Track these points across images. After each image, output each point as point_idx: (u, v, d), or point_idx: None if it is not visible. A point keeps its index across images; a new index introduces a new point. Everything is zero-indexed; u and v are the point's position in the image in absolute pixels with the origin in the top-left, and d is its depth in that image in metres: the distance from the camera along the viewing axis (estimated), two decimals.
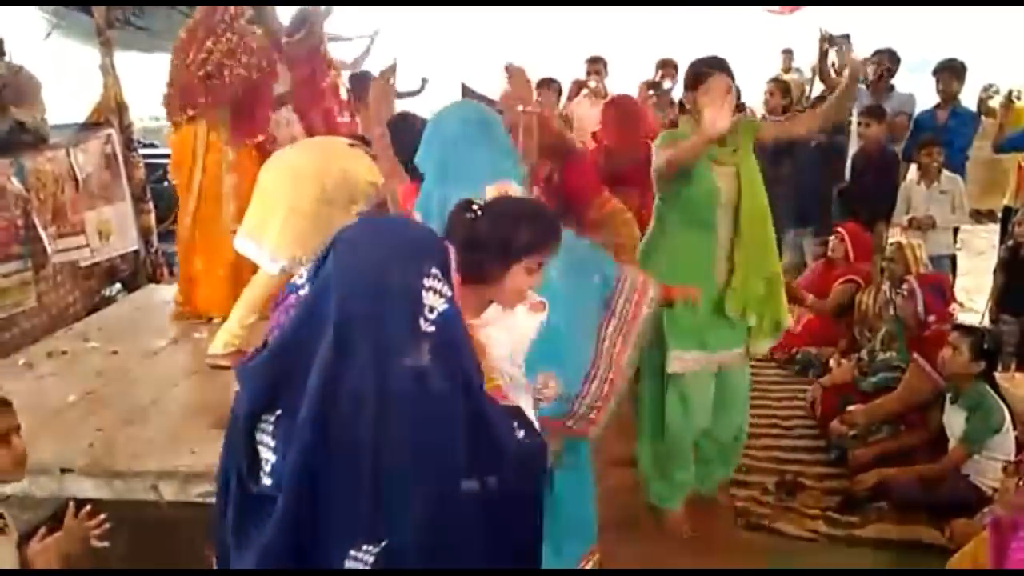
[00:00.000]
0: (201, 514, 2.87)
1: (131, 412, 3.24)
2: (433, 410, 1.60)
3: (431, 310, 1.58)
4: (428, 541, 1.63)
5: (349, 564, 1.58)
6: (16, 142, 4.63)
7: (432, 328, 1.58)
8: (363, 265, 1.58)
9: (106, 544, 2.19)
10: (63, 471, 2.84)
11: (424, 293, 1.58)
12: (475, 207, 2.20)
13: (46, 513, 3.32)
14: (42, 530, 2.19)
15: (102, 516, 2.22)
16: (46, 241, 4.59)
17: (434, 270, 1.60)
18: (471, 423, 1.67)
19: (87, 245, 4.94)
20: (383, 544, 1.59)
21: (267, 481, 1.66)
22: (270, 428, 1.67)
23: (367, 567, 1.59)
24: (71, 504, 2.21)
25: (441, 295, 1.60)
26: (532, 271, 2.23)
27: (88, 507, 2.23)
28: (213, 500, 2.76)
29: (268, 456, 1.67)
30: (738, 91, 3.96)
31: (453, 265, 1.82)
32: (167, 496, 2.83)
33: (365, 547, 1.59)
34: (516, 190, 2.79)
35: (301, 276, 1.71)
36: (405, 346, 1.56)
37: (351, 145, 4.05)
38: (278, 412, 1.66)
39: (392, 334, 1.55)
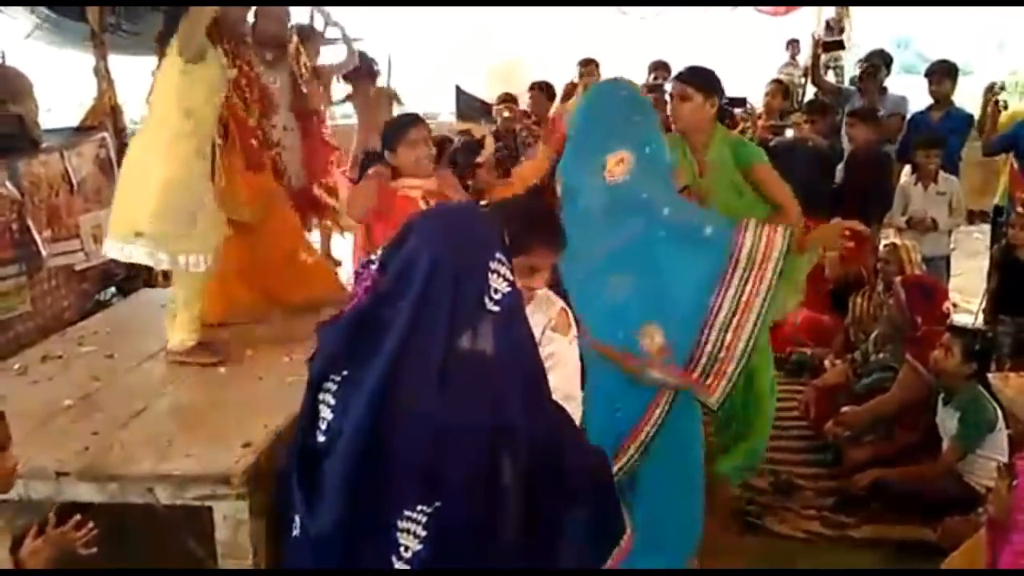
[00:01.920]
0: (196, 517, 2.89)
1: (126, 415, 3.23)
2: (489, 384, 1.75)
3: (496, 291, 1.76)
4: (477, 510, 1.75)
5: (403, 524, 1.72)
6: (11, 142, 4.61)
7: (496, 308, 1.76)
8: (437, 248, 1.75)
9: (93, 551, 2.19)
10: (58, 475, 2.83)
11: (491, 275, 1.76)
12: (481, 205, 2.26)
13: (41, 517, 3.33)
14: (33, 529, 2.19)
15: (89, 525, 2.22)
16: (40, 245, 4.58)
17: (499, 255, 1.79)
18: (527, 398, 1.81)
19: (82, 249, 4.92)
20: (436, 505, 1.72)
21: (321, 438, 1.83)
22: (333, 388, 1.84)
23: (420, 527, 1.72)
24: (51, 515, 2.21)
25: (505, 279, 1.79)
26: (536, 269, 2.29)
27: (76, 517, 2.22)
28: (209, 504, 2.78)
29: (327, 415, 1.84)
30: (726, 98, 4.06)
31: None
32: (163, 499, 2.82)
33: (419, 507, 1.73)
34: (628, 157, 2.98)
35: (376, 253, 1.89)
36: (471, 320, 1.73)
37: None
38: (344, 373, 1.83)
39: (461, 311, 1.72)
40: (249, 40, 4.56)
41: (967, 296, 6.42)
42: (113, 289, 5.34)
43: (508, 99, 7.48)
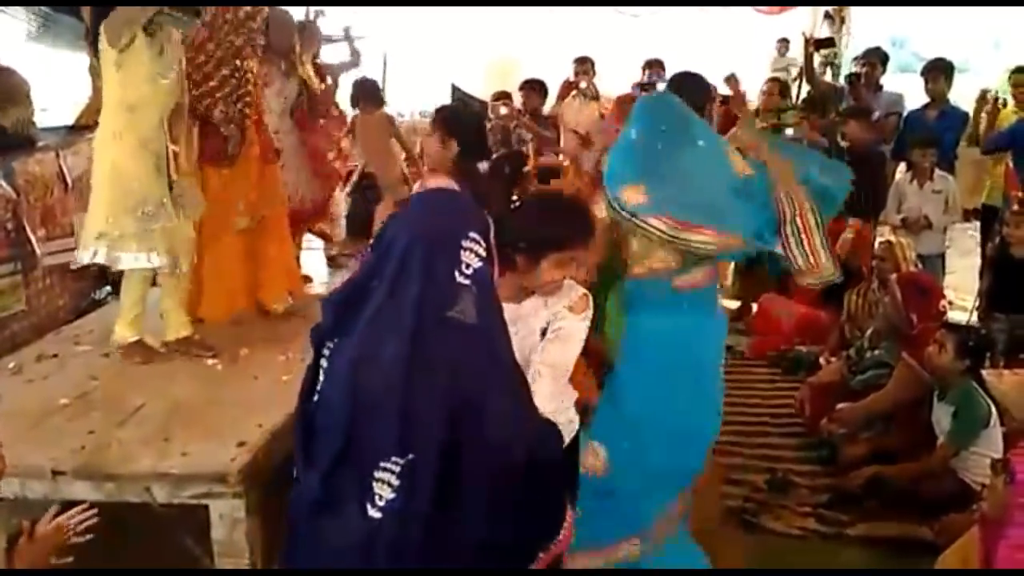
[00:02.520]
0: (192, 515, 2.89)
1: (122, 414, 3.23)
2: (458, 346, 1.88)
3: (467, 266, 1.91)
4: (447, 463, 1.87)
5: (379, 475, 1.87)
6: (4, 144, 4.61)
7: (467, 281, 1.90)
8: (416, 226, 1.93)
9: (88, 537, 2.20)
10: (55, 473, 2.83)
11: (463, 251, 1.90)
12: (515, 199, 2.34)
13: (38, 516, 3.33)
14: (25, 529, 2.18)
15: (85, 511, 2.23)
16: (35, 244, 4.57)
17: (472, 233, 1.93)
18: (489, 364, 1.96)
19: (77, 248, 4.92)
20: (409, 458, 1.86)
21: (315, 400, 2.01)
22: (327, 354, 2.01)
23: (394, 476, 1.86)
24: (50, 513, 2.21)
25: (477, 255, 1.93)
26: (563, 264, 2.37)
27: (72, 511, 2.22)
28: (205, 502, 2.79)
29: (321, 379, 2.01)
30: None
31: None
32: (159, 498, 2.82)
33: (394, 459, 1.86)
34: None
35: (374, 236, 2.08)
36: (442, 291, 1.87)
37: None
38: (335, 340, 1.99)
39: (434, 280, 1.87)
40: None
41: (962, 294, 6.44)
42: (108, 288, 5.32)
43: (503, 96, 7.49)
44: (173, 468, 2.84)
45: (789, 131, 6.76)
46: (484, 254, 1.94)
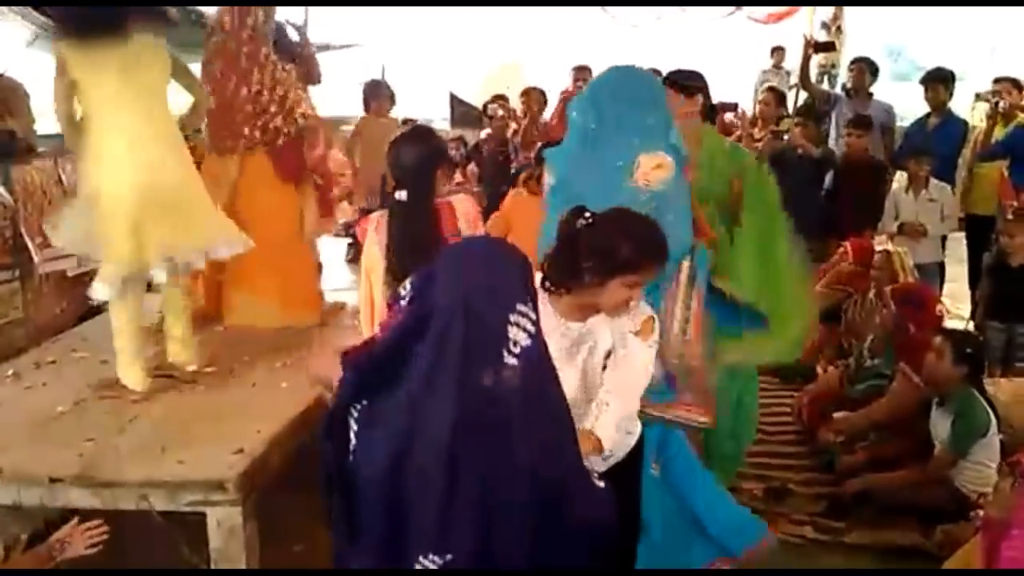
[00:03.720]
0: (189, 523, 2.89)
1: (120, 422, 3.23)
2: (506, 436, 1.71)
3: (515, 344, 1.71)
4: (487, 562, 1.75)
5: (419, 565, 1.76)
6: (3, 152, 4.61)
7: (514, 361, 1.71)
8: (456, 300, 1.70)
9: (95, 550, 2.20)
10: (52, 481, 2.83)
11: (510, 328, 1.71)
12: (587, 215, 2.22)
13: (35, 523, 3.32)
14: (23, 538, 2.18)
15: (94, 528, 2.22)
16: (33, 251, 4.57)
17: (520, 306, 1.74)
18: (546, 452, 1.78)
19: (75, 254, 4.92)
20: (448, 558, 1.74)
21: (351, 457, 1.86)
22: (355, 415, 1.85)
23: (435, 567, 1.75)
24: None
25: (526, 331, 1.73)
26: (632, 286, 2.27)
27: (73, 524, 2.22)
28: (202, 509, 2.78)
29: (353, 439, 1.86)
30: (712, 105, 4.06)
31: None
32: (157, 506, 2.82)
33: (432, 556, 1.75)
34: (668, 162, 2.87)
35: (405, 287, 1.87)
36: (488, 375, 1.69)
37: None
38: (363, 403, 1.83)
39: (478, 364, 1.69)
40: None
41: (958, 302, 6.44)
42: None
43: (499, 99, 7.49)
44: (170, 476, 2.84)
45: (786, 137, 6.78)
46: (533, 329, 1.76)
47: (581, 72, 7.67)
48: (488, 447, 1.71)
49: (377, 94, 6.77)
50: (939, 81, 6.36)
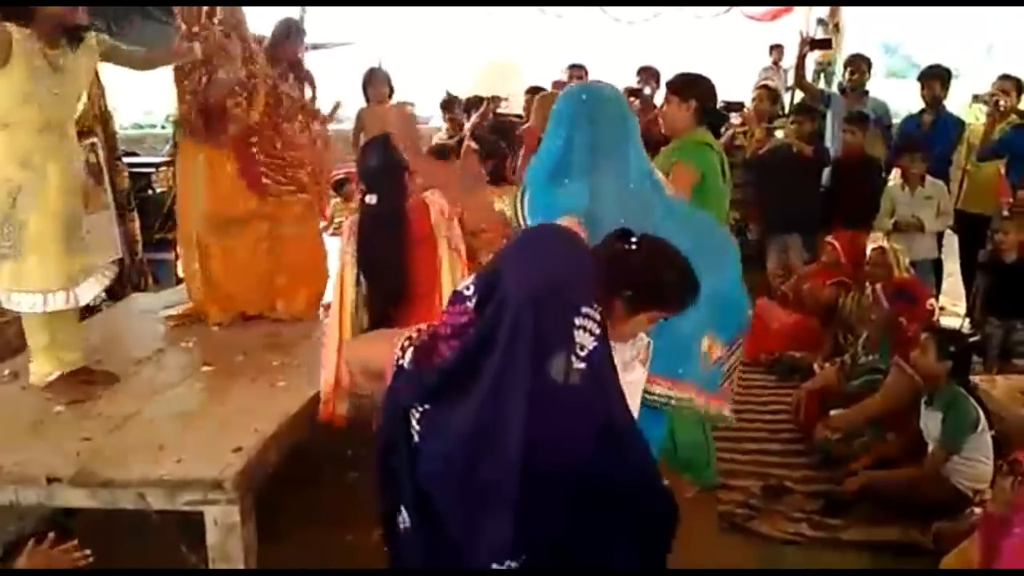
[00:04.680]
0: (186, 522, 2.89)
1: (117, 421, 3.23)
2: (575, 439, 1.71)
3: (582, 348, 1.69)
4: (561, 562, 1.77)
5: (496, 567, 1.74)
6: None
7: (582, 364, 1.69)
8: (523, 305, 1.66)
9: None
10: (49, 480, 2.83)
11: (576, 332, 1.69)
12: (633, 240, 2.15)
13: (32, 523, 3.33)
14: (30, 544, 2.18)
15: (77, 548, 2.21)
16: None
17: (586, 309, 1.71)
18: (610, 454, 1.78)
19: None
20: (522, 559, 1.73)
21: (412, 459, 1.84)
22: (417, 416, 1.83)
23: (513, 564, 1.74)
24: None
25: (592, 333, 1.71)
26: (654, 321, 2.22)
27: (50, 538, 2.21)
28: (200, 508, 2.79)
29: (415, 438, 1.83)
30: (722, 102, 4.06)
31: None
32: (154, 505, 2.82)
33: (508, 563, 1.73)
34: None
35: (469, 288, 1.83)
36: (557, 377, 1.67)
37: None
38: (426, 407, 1.81)
39: (547, 366, 1.66)
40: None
41: (955, 299, 6.46)
42: (103, 294, 5.32)
43: (495, 100, 7.47)
44: (168, 475, 2.84)
45: (779, 133, 6.79)
46: (599, 332, 1.73)
47: (576, 70, 7.67)
48: (558, 448, 1.70)
49: (375, 83, 6.75)
50: (936, 78, 6.36)
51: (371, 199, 3.21)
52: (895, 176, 6.43)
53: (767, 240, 6.59)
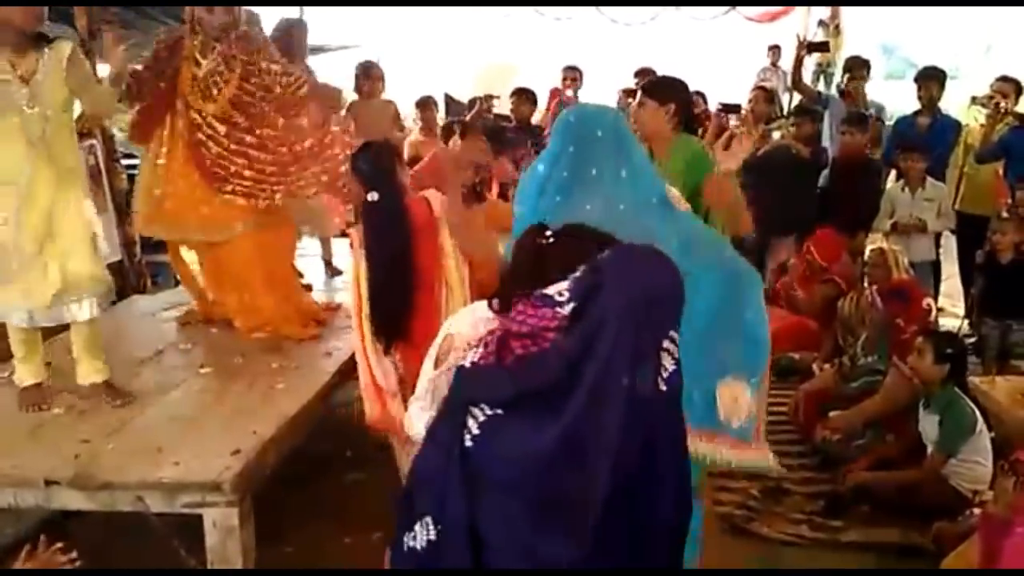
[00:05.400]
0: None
1: (116, 423, 3.23)
2: (655, 454, 1.71)
3: (664, 370, 1.68)
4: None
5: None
6: None
7: (664, 387, 1.68)
8: (623, 326, 1.64)
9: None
10: (48, 483, 2.83)
11: (663, 354, 1.68)
12: (549, 234, 2.12)
13: (31, 526, 3.33)
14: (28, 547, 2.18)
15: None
16: None
17: (672, 333, 1.70)
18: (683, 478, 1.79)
19: None
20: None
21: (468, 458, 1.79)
22: (481, 418, 1.78)
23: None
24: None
25: (672, 356, 1.70)
26: None
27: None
28: (198, 511, 2.79)
29: (468, 441, 1.79)
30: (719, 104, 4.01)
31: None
32: (153, 508, 2.82)
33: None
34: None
35: (563, 294, 1.78)
36: (647, 405, 1.65)
37: None
38: (498, 412, 1.77)
39: (640, 384, 1.64)
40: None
41: (954, 300, 6.46)
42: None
43: (491, 98, 7.49)
44: (167, 477, 2.84)
45: (776, 135, 6.79)
46: (678, 355, 1.72)
47: (572, 72, 7.68)
48: (643, 464, 1.70)
49: (369, 76, 6.73)
50: (933, 79, 6.37)
51: (372, 196, 3.29)
52: (894, 177, 6.44)
53: (765, 242, 6.59)
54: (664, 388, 1.69)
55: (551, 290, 1.82)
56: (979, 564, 2.88)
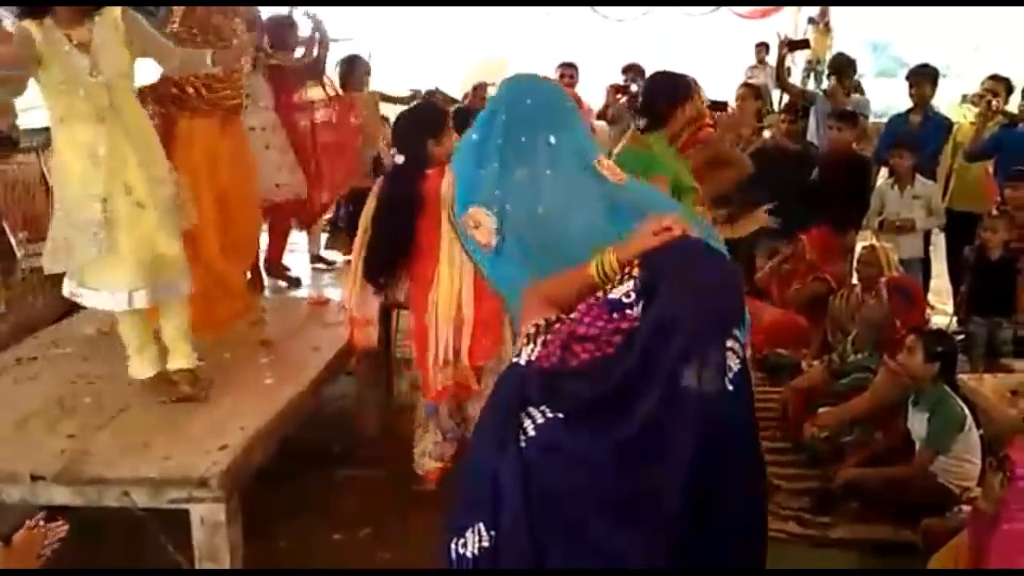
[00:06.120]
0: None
1: (102, 418, 3.21)
2: (727, 459, 1.70)
3: (730, 369, 1.68)
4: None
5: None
6: None
7: (731, 387, 1.67)
8: (689, 331, 1.64)
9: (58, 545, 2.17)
10: (33, 478, 2.81)
11: (728, 354, 1.67)
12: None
13: (16, 521, 3.30)
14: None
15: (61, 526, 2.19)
16: (15, 246, 4.54)
17: (735, 331, 1.69)
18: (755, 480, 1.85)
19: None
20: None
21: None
22: (540, 420, 1.76)
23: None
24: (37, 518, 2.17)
25: (736, 355, 1.69)
26: None
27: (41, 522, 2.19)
28: (185, 506, 2.77)
29: (525, 435, 1.76)
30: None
31: None
32: (139, 503, 2.81)
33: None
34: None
35: (630, 296, 1.77)
36: (715, 405, 1.65)
37: None
38: (558, 415, 1.75)
39: (709, 389, 1.64)
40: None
41: (943, 298, 6.47)
42: None
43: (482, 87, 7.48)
44: (153, 472, 2.83)
45: (766, 133, 6.78)
46: (742, 353, 1.71)
47: (567, 69, 7.66)
48: (716, 470, 1.68)
49: (354, 70, 6.70)
50: (925, 77, 6.37)
51: (399, 159, 3.62)
52: (884, 174, 6.44)
53: (755, 238, 6.58)
54: (731, 388, 1.68)
55: (616, 293, 1.81)
56: (967, 560, 2.88)
